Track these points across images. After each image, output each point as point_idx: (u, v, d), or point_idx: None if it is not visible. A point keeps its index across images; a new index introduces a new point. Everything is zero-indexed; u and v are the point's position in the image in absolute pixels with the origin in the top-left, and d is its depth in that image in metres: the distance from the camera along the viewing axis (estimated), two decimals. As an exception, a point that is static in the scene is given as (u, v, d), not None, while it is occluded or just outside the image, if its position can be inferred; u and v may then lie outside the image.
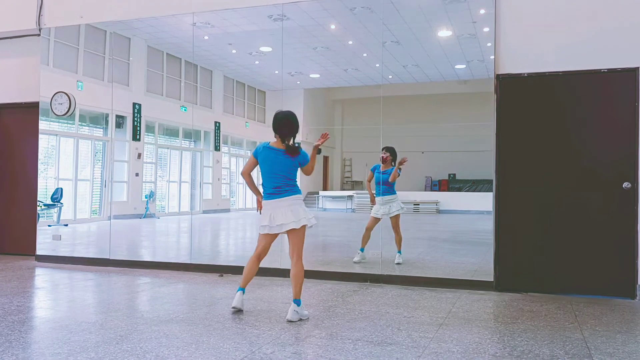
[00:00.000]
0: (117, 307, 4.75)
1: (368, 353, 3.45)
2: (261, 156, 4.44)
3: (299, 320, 4.24)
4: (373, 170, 6.97)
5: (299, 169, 4.48)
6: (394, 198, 6.82)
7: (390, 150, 6.86)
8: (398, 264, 6.54)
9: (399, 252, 6.67)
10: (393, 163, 6.83)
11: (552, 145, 5.53)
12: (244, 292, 4.51)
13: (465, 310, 4.72)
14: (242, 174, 4.61)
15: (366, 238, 6.80)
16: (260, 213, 4.50)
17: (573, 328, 4.16)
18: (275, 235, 4.46)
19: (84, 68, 8.34)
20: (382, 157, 6.81)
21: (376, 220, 6.80)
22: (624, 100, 5.36)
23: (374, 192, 6.93)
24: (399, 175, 6.85)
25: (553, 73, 5.54)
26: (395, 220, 6.76)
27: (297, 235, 4.34)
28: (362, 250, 6.74)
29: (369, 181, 7.05)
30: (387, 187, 6.83)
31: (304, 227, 4.34)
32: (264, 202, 4.44)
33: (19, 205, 8.00)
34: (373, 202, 6.88)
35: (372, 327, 4.09)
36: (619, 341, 3.82)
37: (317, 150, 4.53)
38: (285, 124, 4.40)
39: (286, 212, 4.30)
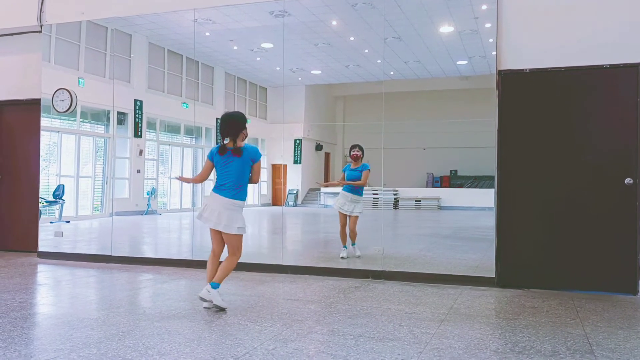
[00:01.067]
0: (120, 304, 4.76)
1: (370, 349, 3.45)
2: (215, 157, 4.56)
3: (210, 305, 4.38)
4: (344, 171, 7.14)
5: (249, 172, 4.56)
6: (360, 199, 7.01)
7: (361, 149, 7.03)
8: (358, 257, 6.75)
9: (354, 244, 6.88)
10: (361, 161, 6.96)
11: (554, 141, 5.52)
12: (215, 287, 4.48)
13: (466, 306, 4.72)
14: (198, 182, 4.84)
15: (344, 235, 6.99)
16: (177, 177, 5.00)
17: (575, 324, 4.16)
18: (219, 232, 4.52)
19: (85, 65, 8.34)
20: (355, 154, 6.95)
21: (345, 215, 6.97)
22: (626, 96, 5.34)
23: (339, 184, 7.17)
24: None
25: (555, 69, 5.52)
26: (354, 220, 6.94)
27: (226, 237, 4.50)
28: (345, 247, 6.91)
29: (340, 184, 7.23)
30: (358, 187, 6.95)
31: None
32: (210, 192, 4.57)
33: (21, 202, 8.02)
34: (326, 184, 7.13)
35: (374, 323, 4.10)
36: (620, 337, 3.82)
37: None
38: (224, 124, 4.53)
39: (214, 210, 4.44)
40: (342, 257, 6.82)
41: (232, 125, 4.53)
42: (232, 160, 4.46)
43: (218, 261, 4.62)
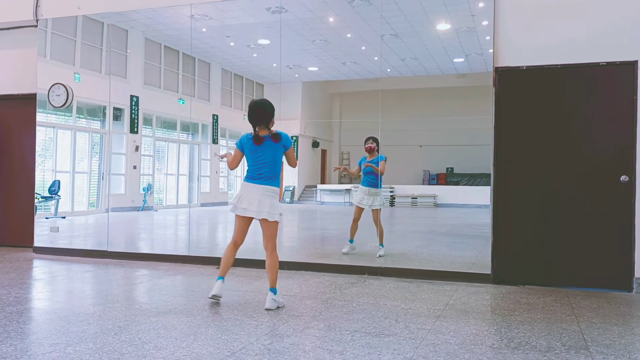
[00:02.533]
0: (116, 299, 4.76)
1: (366, 344, 3.46)
2: (245, 145, 4.50)
3: (277, 309, 4.33)
4: (360, 163, 7.06)
5: (283, 159, 4.51)
6: (380, 192, 6.91)
7: (376, 140, 6.93)
8: (380, 256, 6.55)
9: (381, 245, 6.68)
10: (378, 152, 6.88)
11: (550, 139, 5.53)
12: (224, 281, 4.54)
13: (462, 302, 4.74)
14: (231, 169, 4.70)
15: (354, 229, 6.91)
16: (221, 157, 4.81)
17: (570, 320, 4.18)
18: (248, 221, 4.49)
19: (81, 60, 8.31)
20: (370, 146, 6.87)
21: (361, 210, 6.90)
22: (622, 94, 5.36)
23: (349, 172, 7.12)
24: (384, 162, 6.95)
25: (552, 66, 5.53)
26: (376, 213, 6.82)
27: (267, 227, 4.42)
28: (351, 241, 6.85)
29: (354, 174, 7.20)
30: (374, 178, 6.87)
31: (269, 220, 4.39)
32: (242, 183, 4.52)
33: (16, 197, 7.99)
34: (340, 168, 7.11)
35: (370, 318, 4.11)
36: (615, 333, 3.84)
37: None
38: (254, 112, 4.45)
39: (253, 200, 4.36)
40: (343, 252, 6.75)
41: (263, 112, 4.43)
42: (268, 148, 4.38)
43: (235, 253, 4.56)
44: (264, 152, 4.40)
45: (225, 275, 4.55)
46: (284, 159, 4.56)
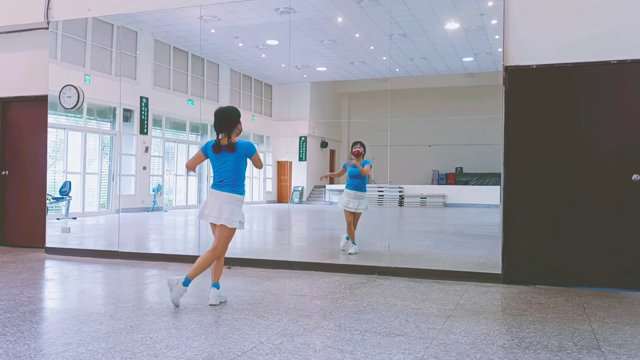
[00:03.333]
0: (127, 299, 4.79)
1: (376, 344, 3.46)
2: (209, 153, 4.55)
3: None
4: (345, 166, 7.19)
5: (246, 165, 4.55)
6: (364, 196, 7.09)
7: (363, 145, 7.09)
8: (350, 253, 6.77)
9: (354, 243, 6.91)
10: (363, 157, 7.02)
11: (561, 138, 5.50)
12: (218, 288, 4.56)
13: (473, 302, 4.72)
14: (186, 167, 4.73)
15: (351, 231, 7.04)
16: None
17: (581, 320, 4.15)
18: (219, 226, 4.50)
19: (91, 62, 8.37)
20: (357, 151, 7.02)
21: (351, 213, 7.04)
22: (633, 92, 5.32)
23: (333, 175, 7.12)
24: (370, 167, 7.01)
25: (562, 65, 5.50)
26: (358, 216, 7.04)
27: (220, 230, 4.48)
28: (354, 244, 6.95)
29: (339, 175, 7.28)
30: (360, 182, 7.03)
31: (225, 226, 4.44)
32: (209, 189, 4.59)
33: (28, 198, 8.06)
34: (326, 176, 7.20)
35: (380, 318, 4.11)
36: (627, 333, 3.81)
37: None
38: (217, 119, 4.50)
39: (214, 205, 4.44)
40: (349, 253, 6.84)
41: (226, 120, 4.51)
42: (227, 157, 4.46)
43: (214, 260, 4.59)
44: (225, 161, 4.47)
45: (217, 281, 4.59)
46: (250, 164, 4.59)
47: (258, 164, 4.60)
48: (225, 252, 4.62)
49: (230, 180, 4.47)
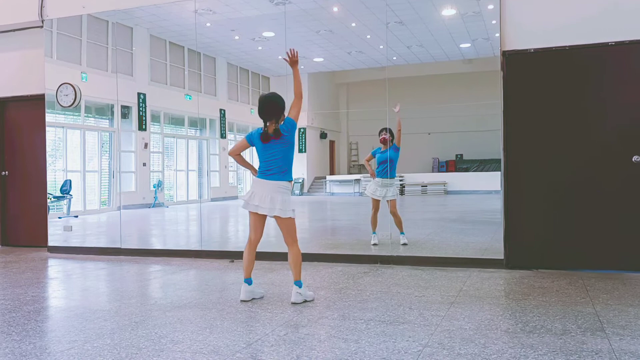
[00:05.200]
0: (131, 295, 4.80)
1: (381, 332, 3.47)
2: (255, 142, 4.42)
3: (303, 302, 4.28)
4: (374, 153, 7.02)
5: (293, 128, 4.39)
6: (393, 182, 6.89)
7: (390, 131, 6.89)
8: (404, 244, 6.58)
9: (402, 233, 6.68)
10: (392, 143, 6.86)
11: (560, 121, 5.49)
12: (250, 283, 4.45)
13: (476, 288, 4.73)
14: (229, 154, 4.60)
15: (374, 221, 6.86)
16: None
17: (585, 303, 4.16)
18: (262, 219, 4.42)
19: (87, 59, 8.34)
20: (384, 138, 6.84)
21: (377, 201, 6.86)
22: (632, 74, 5.29)
23: (373, 168, 7.04)
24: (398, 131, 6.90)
25: (560, 48, 5.47)
26: (392, 204, 6.82)
27: (281, 223, 4.36)
28: (374, 233, 6.79)
29: (368, 161, 7.14)
30: (387, 168, 6.86)
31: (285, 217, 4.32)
32: (254, 179, 4.45)
33: (29, 198, 8.06)
34: (374, 176, 6.98)
35: (384, 307, 4.11)
36: (631, 314, 3.82)
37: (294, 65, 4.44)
38: (263, 106, 4.36)
39: (265, 196, 4.29)
40: (373, 244, 6.67)
41: (272, 107, 4.35)
42: (275, 145, 4.32)
43: (255, 251, 4.48)
44: (273, 149, 4.33)
45: (250, 276, 4.44)
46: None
47: (297, 107, 4.37)
48: (297, 242, 4.43)
49: (278, 168, 4.33)
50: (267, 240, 7.88)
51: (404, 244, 6.56)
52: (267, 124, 4.35)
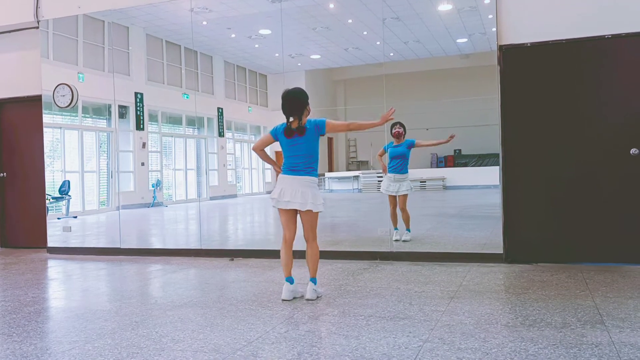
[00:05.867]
0: (131, 295, 4.80)
1: (381, 328, 3.48)
2: (280, 137, 4.36)
3: (317, 299, 4.29)
4: (386, 148, 6.97)
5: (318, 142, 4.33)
6: (405, 177, 6.86)
7: (403, 125, 6.87)
8: (405, 241, 6.58)
9: (408, 230, 6.68)
10: (405, 137, 6.82)
11: (558, 115, 5.49)
12: (292, 282, 4.36)
13: (476, 282, 4.74)
14: (253, 149, 4.54)
15: (394, 217, 6.83)
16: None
17: (584, 296, 4.17)
18: (294, 215, 4.37)
19: (84, 59, 8.32)
20: (398, 131, 6.82)
21: (393, 197, 6.85)
22: (629, 66, 5.30)
23: (385, 163, 7.00)
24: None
25: (556, 41, 5.47)
26: (403, 199, 6.80)
27: (307, 217, 4.31)
28: (396, 229, 6.77)
29: (381, 156, 7.10)
30: (399, 163, 6.83)
31: (311, 211, 4.28)
32: (280, 176, 4.38)
33: (28, 199, 8.06)
34: (385, 171, 6.94)
35: (384, 303, 4.12)
36: (630, 307, 3.83)
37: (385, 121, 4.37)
38: (286, 102, 4.29)
39: (296, 191, 4.24)
40: (395, 240, 6.61)
41: (295, 102, 4.27)
42: (299, 141, 4.26)
43: (291, 249, 4.42)
44: (297, 144, 4.28)
45: (290, 274, 4.37)
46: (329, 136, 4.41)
47: (341, 128, 4.34)
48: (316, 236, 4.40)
49: (303, 164, 4.28)
50: (266, 238, 7.90)
51: (405, 240, 6.56)
52: (291, 120, 4.29)
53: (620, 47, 5.32)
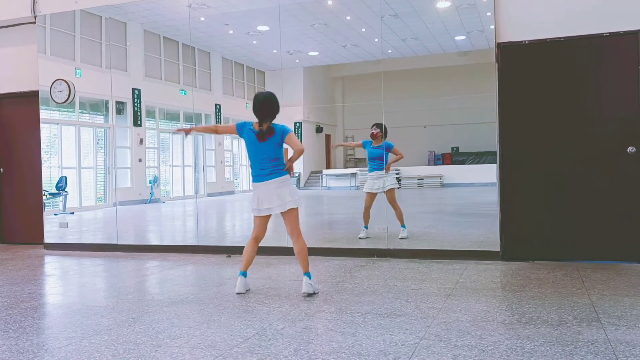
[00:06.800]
0: (128, 291, 4.80)
1: (377, 325, 3.48)
2: (246, 137, 4.41)
3: (314, 293, 4.31)
4: (364, 145, 6.97)
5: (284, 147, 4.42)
6: (387, 173, 6.82)
7: (381, 126, 6.88)
8: (402, 238, 6.56)
9: (403, 226, 6.68)
10: (383, 138, 6.84)
11: (555, 113, 5.49)
12: (245, 276, 4.50)
13: (472, 280, 4.75)
14: (214, 129, 4.69)
15: (367, 216, 6.85)
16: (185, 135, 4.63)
17: (580, 293, 4.18)
18: (268, 216, 4.45)
19: (81, 55, 8.29)
20: (373, 133, 6.85)
21: (372, 195, 6.83)
22: (626, 64, 5.30)
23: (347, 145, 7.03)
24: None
25: (554, 39, 5.47)
26: (390, 194, 6.77)
27: (290, 215, 4.35)
28: (366, 227, 6.79)
29: (353, 146, 7.06)
30: (380, 162, 6.85)
31: (292, 209, 4.34)
32: (253, 185, 4.43)
33: (24, 195, 8.04)
34: (340, 145, 6.96)
35: (381, 300, 4.13)
36: (626, 304, 3.84)
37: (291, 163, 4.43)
38: (261, 106, 4.33)
39: (272, 196, 4.30)
40: (359, 237, 6.69)
41: (270, 106, 4.32)
42: (269, 144, 4.31)
43: (257, 247, 4.50)
44: (267, 148, 4.33)
45: (247, 270, 4.50)
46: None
47: (296, 145, 4.34)
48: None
49: (271, 167, 4.33)
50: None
51: (402, 238, 6.54)
52: (262, 124, 4.33)
53: (617, 45, 5.32)
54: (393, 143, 6.85)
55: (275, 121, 4.42)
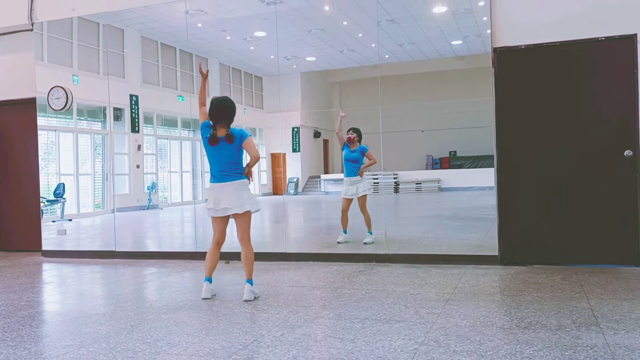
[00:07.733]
0: (126, 298, 4.78)
1: (377, 331, 3.47)
2: (204, 138, 4.47)
3: (254, 299, 4.39)
4: (343, 149, 7.04)
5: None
6: (361, 179, 6.88)
7: (357, 131, 6.96)
8: (366, 243, 6.61)
9: (370, 232, 6.74)
10: (359, 143, 6.92)
11: (552, 117, 5.51)
12: (211, 282, 4.57)
13: (471, 285, 4.75)
14: (203, 104, 4.64)
15: (345, 220, 6.93)
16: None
17: (579, 297, 4.18)
18: (226, 219, 4.51)
19: (78, 62, 8.30)
20: (349, 137, 6.93)
21: (348, 201, 6.91)
22: (623, 68, 5.32)
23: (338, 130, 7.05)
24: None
25: (550, 43, 5.49)
26: (362, 200, 6.86)
27: (243, 219, 4.44)
28: (345, 232, 6.87)
29: (339, 131, 7.09)
30: (355, 166, 6.91)
31: (248, 212, 4.42)
32: (211, 185, 4.48)
33: (22, 202, 8.02)
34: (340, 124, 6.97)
35: (380, 305, 4.12)
36: (625, 308, 3.84)
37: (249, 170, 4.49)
38: (216, 110, 4.39)
39: (230, 196, 4.36)
40: (338, 242, 6.80)
41: (227, 110, 4.41)
42: (226, 147, 4.38)
43: (219, 252, 4.61)
44: (224, 151, 4.38)
45: (211, 275, 4.59)
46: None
47: (253, 152, 4.38)
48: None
49: (230, 170, 4.39)
50: (262, 241, 7.89)
51: (366, 243, 6.59)
52: (217, 128, 4.39)
53: (613, 49, 5.34)
54: (368, 147, 6.93)
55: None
